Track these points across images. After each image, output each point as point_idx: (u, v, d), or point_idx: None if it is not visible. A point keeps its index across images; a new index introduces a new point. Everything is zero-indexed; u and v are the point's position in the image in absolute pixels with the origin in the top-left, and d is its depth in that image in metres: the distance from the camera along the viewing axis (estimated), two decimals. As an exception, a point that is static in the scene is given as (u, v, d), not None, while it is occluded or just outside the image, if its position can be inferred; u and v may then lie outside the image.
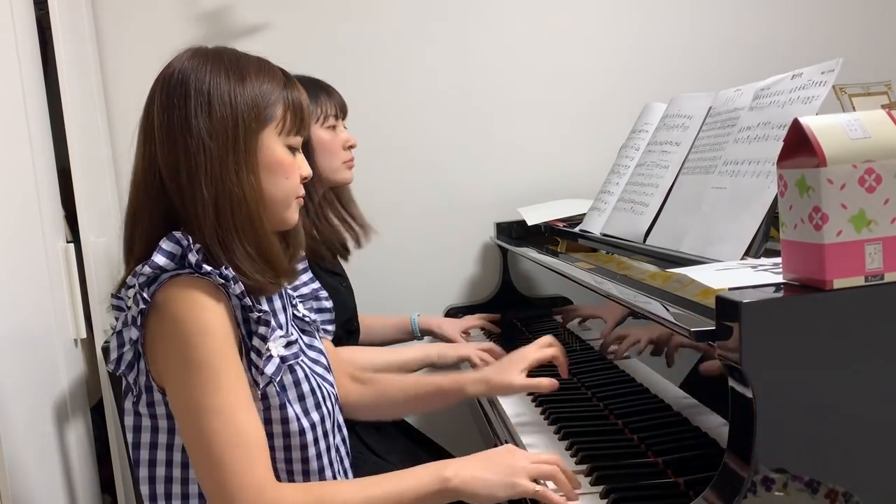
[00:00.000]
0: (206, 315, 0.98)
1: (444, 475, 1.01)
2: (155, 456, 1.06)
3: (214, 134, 1.03)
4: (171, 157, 1.04)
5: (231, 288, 1.01)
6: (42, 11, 1.91)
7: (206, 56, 1.08)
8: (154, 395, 1.04)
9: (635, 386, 1.28)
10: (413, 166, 2.31)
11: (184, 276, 1.00)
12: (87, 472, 1.85)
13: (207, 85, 1.04)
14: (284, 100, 1.09)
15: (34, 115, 1.74)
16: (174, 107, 1.04)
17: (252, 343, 1.04)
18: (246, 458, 0.96)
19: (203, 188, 1.02)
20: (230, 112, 1.04)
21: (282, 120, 1.08)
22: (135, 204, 1.08)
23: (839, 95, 1.70)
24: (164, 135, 1.05)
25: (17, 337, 1.54)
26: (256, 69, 1.09)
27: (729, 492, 0.85)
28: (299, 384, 1.09)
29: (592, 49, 2.36)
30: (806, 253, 0.87)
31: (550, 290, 1.86)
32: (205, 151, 1.03)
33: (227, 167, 1.03)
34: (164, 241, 1.01)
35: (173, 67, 1.08)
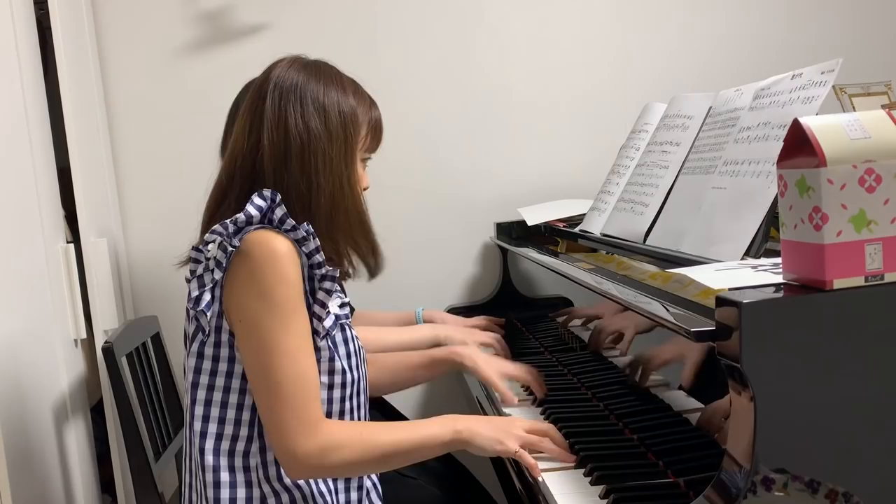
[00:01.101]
0: (284, 264, 1.09)
1: (457, 428, 1.17)
2: (211, 397, 1.15)
3: (332, 140, 1.18)
4: (282, 149, 1.17)
5: (307, 244, 1.12)
6: (42, 11, 1.91)
7: (315, 69, 1.22)
8: (222, 336, 1.14)
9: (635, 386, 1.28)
10: (413, 166, 2.31)
11: (266, 229, 1.11)
12: (87, 472, 1.85)
13: (322, 94, 1.19)
14: (370, 119, 1.24)
15: (34, 115, 1.74)
16: (289, 109, 1.17)
17: (317, 297, 1.15)
18: (305, 397, 1.09)
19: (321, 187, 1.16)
20: (341, 121, 1.19)
21: (365, 138, 1.23)
22: (226, 181, 1.20)
23: (839, 95, 1.70)
24: (276, 129, 1.17)
25: (17, 337, 1.54)
26: (353, 88, 1.24)
27: (729, 492, 0.85)
28: (347, 343, 1.21)
29: (592, 49, 2.36)
30: (806, 253, 0.87)
31: (550, 291, 1.86)
32: (324, 153, 1.17)
33: (340, 170, 1.18)
34: (255, 197, 1.12)
35: (285, 76, 1.20)
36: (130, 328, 1.72)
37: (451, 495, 1.58)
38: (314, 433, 1.09)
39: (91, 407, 1.95)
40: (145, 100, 2.21)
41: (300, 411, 1.08)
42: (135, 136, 2.22)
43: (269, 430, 1.11)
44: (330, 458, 1.09)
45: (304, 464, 1.09)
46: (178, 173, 2.19)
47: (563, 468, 1.18)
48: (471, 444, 1.18)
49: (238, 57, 2.20)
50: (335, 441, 1.10)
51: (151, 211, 2.20)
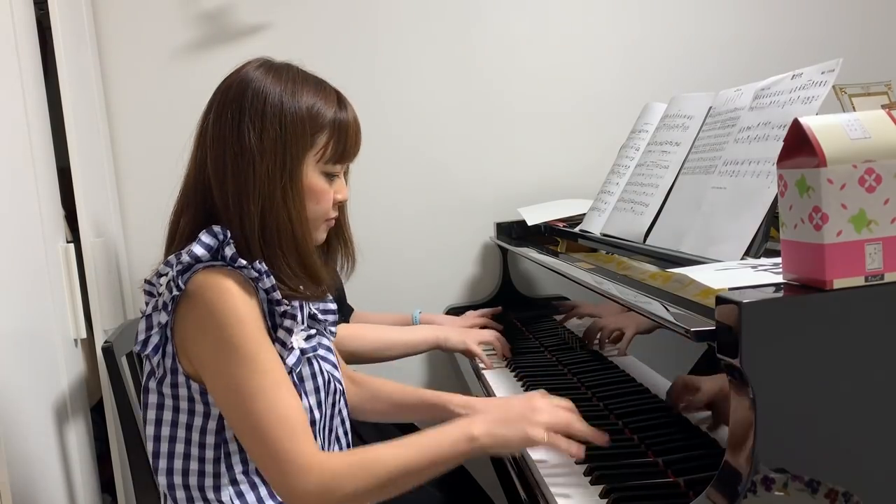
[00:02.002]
0: (239, 304, 1.03)
1: (473, 434, 1.07)
2: (175, 433, 1.11)
3: (265, 153, 1.08)
4: (220, 166, 1.09)
5: (262, 282, 1.07)
6: (42, 11, 1.91)
7: (268, 70, 1.13)
8: (178, 378, 1.09)
9: (635, 386, 1.28)
10: (413, 166, 2.31)
11: (217, 268, 1.05)
12: (87, 472, 1.84)
13: (265, 100, 1.09)
14: (332, 125, 1.12)
15: (34, 115, 1.74)
16: (228, 118, 1.09)
17: (277, 335, 1.09)
18: (291, 433, 1.02)
19: (250, 203, 1.08)
20: (280, 133, 1.08)
21: (323, 148, 1.12)
22: (182, 202, 1.14)
23: (839, 95, 1.70)
24: (215, 144, 1.10)
25: (17, 337, 1.54)
26: (315, 90, 1.13)
27: (729, 492, 0.85)
28: (315, 377, 1.15)
29: (592, 49, 2.36)
30: (806, 253, 0.87)
31: (550, 290, 1.86)
32: (254, 168, 1.08)
33: (274, 187, 1.08)
34: (203, 234, 1.06)
35: (236, 77, 1.13)
36: (130, 328, 1.72)
37: (450, 496, 1.57)
38: (310, 471, 1.01)
39: (91, 407, 1.94)
40: (145, 100, 2.21)
41: (289, 451, 1.01)
42: (135, 136, 2.22)
43: (265, 473, 1.05)
44: (334, 494, 1.01)
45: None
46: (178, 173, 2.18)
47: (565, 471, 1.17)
48: (492, 449, 1.09)
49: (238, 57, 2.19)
50: (335, 474, 1.01)
51: (151, 211, 2.20)
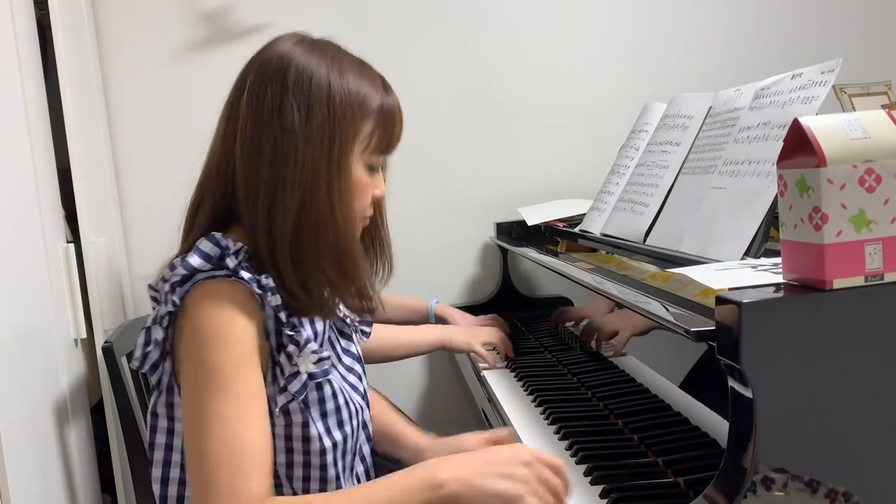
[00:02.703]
0: (228, 321, 0.93)
1: (440, 479, 0.89)
2: (169, 458, 1.04)
3: (310, 137, 0.96)
4: (255, 150, 0.97)
5: (267, 299, 0.96)
6: (42, 11, 1.91)
7: (311, 46, 1.01)
8: (174, 397, 1.02)
9: (635, 386, 1.28)
10: (413, 166, 2.31)
11: (217, 280, 0.95)
12: (87, 472, 1.85)
13: (307, 81, 0.97)
14: (379, 111, 1.03)
15: (34, 115, 1.74)
16: (268, 97, 0.97)
17: (278, 358, 0.99)
18: (238, 471, 0.89)
19: (287, 193, 0.95)
20: (328, 117, 0.97)
21: (368, 137, 1.02)
22: (202, 190, 1.04)
23: (839, 95, 1.70)
24: (249, 125, 0.98)
25: (17, 337, 1.54)
26: (359, 70, 1.03)
27: (729, 491, 0.85)
28: (325, 401, 1.04)
29: (592, 49, 2.36)
30: (806, 253, 0.87)
31: (550, 290, 1.86)
32: (297, 153, 0.95)
33: (318, 176, 0.96)
34: (201, 241, 0.96)
35: (274, 51, 1.00)
36: (130, 328, 1.72)
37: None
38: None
39: (91, 407, 1.94)
40: (145, 100, 2.21)
41: (227, 487, 0.88)
42: (135, 136, 2.22)
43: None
44: None
45: None
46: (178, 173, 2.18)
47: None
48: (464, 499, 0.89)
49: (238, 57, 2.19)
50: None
51: (151, 211, 2.20)
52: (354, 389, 1.12)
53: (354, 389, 1.12)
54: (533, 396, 1.50)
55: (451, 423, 1.94)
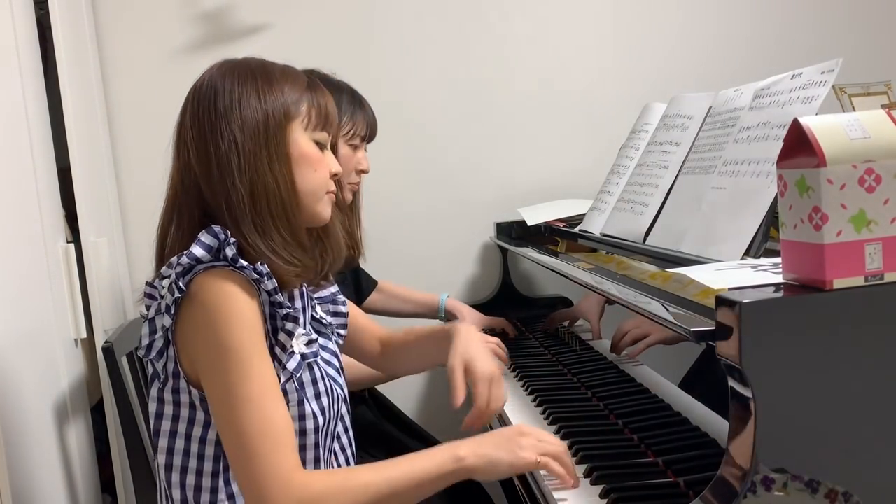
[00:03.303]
0: (238, 306, 1.02)
1: (459, 454, 1.03)
2: (174, 444, 1.09)
3: (246, 130, 1.08)
4: (205, 159, 1.09)
5: (263, 284, 1.05)
6: (42, 11, 1.91)
7: (233, 66, 1.14)
8: (180, 383, 1.08)
9: (635, 386, 1.28)
10: (413, 166, 2.32)
11: (219, 269, 1.03)
12: (87, 472, 1.85)
13: (237, 90, 1.10)
14: (308, 99, 1.14)
15: (34, 115, 1.74)
16: (205, 112, 1.09)
17: (277, 338, 1.08)
18: (275, 446, 0.99)
19: (237, 182, 1.07)
20: (260, 109, 1.09)
21: (307, 115, 1.13)
22: (170, 212, 1.14)
23: (839, 95, 1.70)
24: (196, 140, 1.10)
25: (17, 337, 1.54)
26: (281, 73, 1.14)
27: (729, 491, 0.85)
28: (316, 382, 1.13)
29: (592, 49, 2.36)
30: (806, 253, 0.87)
31: (550, 290, 1.87)
32: (237, 148, 1.08)
33: (260, 160, 1.08)
34: (202, 234, 1.05)
35: (203, 79, 1.13)
36: (130, 328, 1.72)
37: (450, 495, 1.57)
38: (288, 486, 0.97)
39: (91, 407, 1.95)
40: (145, 100, 2.21)
41: (269, 463, 0.97)
42: (135, 136, 2.22)
43: (241, 486, 1.01)
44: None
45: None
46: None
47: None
48: (479, 470, 1.04)
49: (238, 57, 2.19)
50: (314, 493, 0.97)
51: (151, 211, 2.19)
52: (334, 381, 1.19)
53: (334, 381, 1.19)
54: (533, 396, 1.50)
55: (452, 422, 1.94)
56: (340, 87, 1.68)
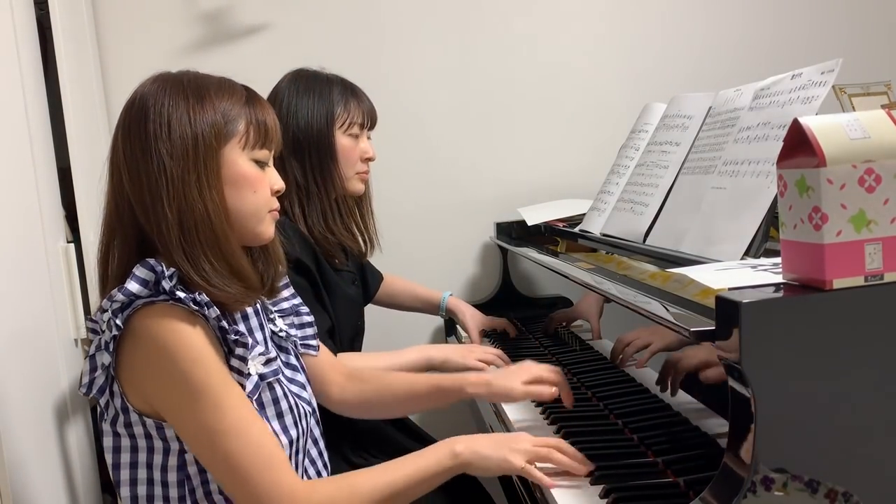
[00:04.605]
0: (189, 340, 0.99)
1: (455, 450, 1.09)
2: (136, 475, 1.07)
3: (174, 154, 1.04)
4: (136, 181, 1.05)
5: (207, 312, 1.02)
6: (42, 11, 1.91)
7: (165, 80, 1.09)
8: (131, 416, 1.05)
9: (635, 386, 1.28)
10: (413, 166, 2.32)
11: (159, 304, 1.00)
12: (87, 471, 1.85)
13: (167, 108, 1.05)
14: (246, 116, 1.09)
15: (34, 115, 1.74)
16: (135, 134, 1.06)
17: (230, 364, 1.05)
18: (269, 467, 0.99)
19: (166, 208, 1.03)
20: (189, 131, 1.05)
21: (244, 134, 1.09)
22: (107, 230, 1.10)
23: (839, 95, 1.70)
24: (127, 163, 1.06)
25: (17, 337, 1.54)
26: (216, 88, 1.09)
27: (729, 491, 0.85)
28: (278, 402, 1.10)
29: (592, 49, 2.36)
30: (806, 253, 0.87)
31: (550, 290, 1.86)
32: (166, 173, 1.04)
33: (188, 185, 1.04)
34: (137, 268, 1.02)
35: (135, 95, 1.09)
36: (130, 328, 1.72)
37: (451, 495, 1.57)
38: (293, 500, 0.99)
39: (91, 407, 1.94)
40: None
41: (269, 483, 0.99)
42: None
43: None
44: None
45: None
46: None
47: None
48: (473, 465, 1.10)
49: (238, 57, 2.20)
50: (319, 501, 1.00)
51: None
52: (299, 397, 1.17)
53: (299, 397, 1.17)
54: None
55: (452, 422, 1.95)
56: (330, 79, 1.67)
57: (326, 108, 1.63)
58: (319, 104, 1.62)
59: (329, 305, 1.61)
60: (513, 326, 1.98)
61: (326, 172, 1.62)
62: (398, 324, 2.12)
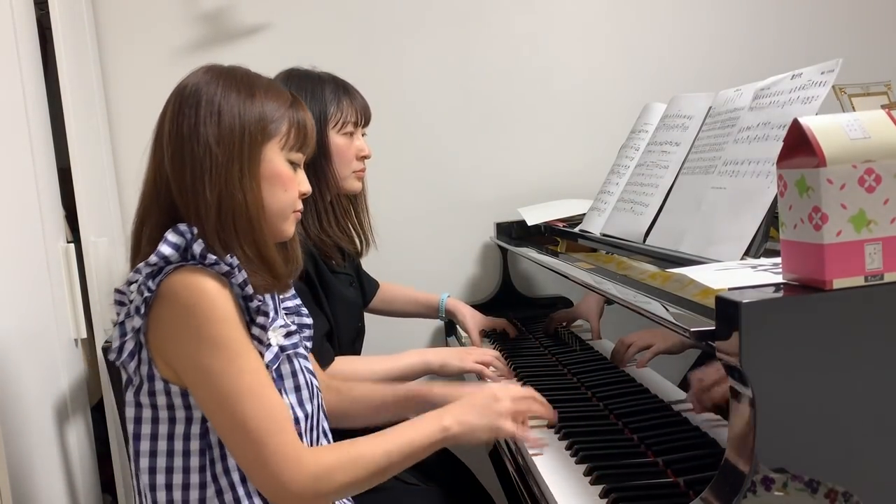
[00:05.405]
0: (217, 301, 1.02)
1: (444, 424, 1.12)
2: (156, 447, 1.09)
3: (222, 141, 1.09)
4: (178, 161, 1.09)
5: (234, 277, 1.05)
6: (42, 11, 1.91)
7: (219, 72, 1.15)
8: (156, 385, 1.07)
9: (635, 386, 1.28)
10: (413, 166, 2.32)
11: (188, 267, 1.04)
12: (87, 472, 1.85)
13: (218, 97, 1.10)
14: (290, 118, 1.15)
15: (34, 115, 1.74)
16: (185, 116, 1.10)
17: (252, 332, 1.08)
18: (280, 430, 1.02)
19: (207, 190, 1.08)
20: (238, 123, 1.10)
21: (286, 135, 1.14)
22: (143, 207, 1.14)
23: (839, 95, 1.70)
24: (173, 142, 1.10)
25: (17, 337, 1.54)
26: (265, 87, 1.15)
27: (729, 491, 0.85)
28: (296, 375, 1.14)
29: (592, 49, 2.36)
30: (806, 253, 0.87)
31: (550, 290, 1.87)
32: (211, 156, 1.08)
33: (231, 173, 1.08)
34: (169, 233, 1.05)
35: (188, 82, 1.14)
36: (130, 328, 1.72)
37: (452, 495, 1.58)
38: (300, 465, 1.02)
39: (91, 407, 1.95)
40: (145, 100, 2.20)
41: (278, 446, 1.02)
42: (135, 137, 2.22)
43: (253, 476, 1.04)
44: (325, 486, 1.03)
45: (300, 498, 1.02)
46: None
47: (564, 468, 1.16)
48: (462, 438, 1.13)
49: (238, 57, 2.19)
50: (325, 467, 1.03)
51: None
52: (312, 374, 1.20)
53: (312, 374, 1.20)
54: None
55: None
56: (322, 78, 1.66)
57: (319, 108, 1.62)
58: (312, 104, 1.60)
59: (327, 308, 1.60)
60: (513, 327, 1.98)
61: (321, 174, 1.61)
62: (398, 325, 2.12)
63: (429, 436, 1.11)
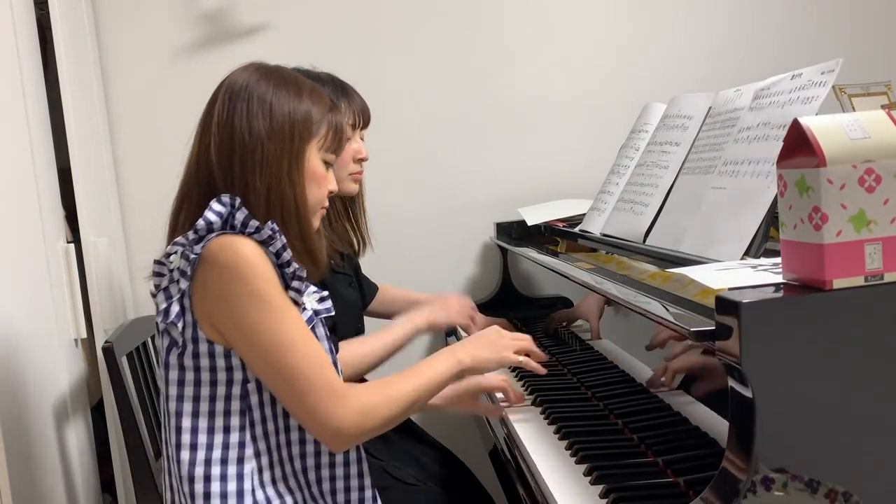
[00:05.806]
0: (260, 262, 1.09)
1: (459, 358, 1.25)
2: (198, 408, 1.13)
3: (273, 136, 1.16)
4: (227, 150, 1.15)
5: (273, 244, 1.12)
6: (42, 11, 1.91)
7: (268, 70, 1.22)
8: (200, 347, 1.12)
9: (635, 386, 1.28)
10: (413, 166, 2.32)
11: (228, 234, 1.10)
12: (87, 472, 1.85)
13: (270, 94, 1.17)
14: (329, 121, 1.22)
15: (34, 115, 1.75)
16: (236, 109, 1.16)
17: (288, 295, 1.13)
18: (326, 374, 1.10)
19: (257, 181, 1.15)
20: (288, 119, 1.17)
21: (324, 137, 1.21)
22: (185, 189, 1.20)
23: (839, 95, 1.70)
24: (222, 130, 1.16)
25: (18, 337, 1.54)
26: (310, 90, 1.22)
27: (729, 491, 0.85)
28: (325, 341, 1.19)
29: (592, 49, 2.36)
30: (806, 253, 0.87)
31: (550, 290, 1.86)
32: (262, 149, 1.15)
33: (280, 167, 1.16)
34: (213, 202, 1.11)
35: (237, 77, 1.20)
36: (130, 328, 1.72)
37: (452, 494, 1.58)
38: (347, 403, 1.10)
39: (91, 407, 1.95)
40: (145, 100, 2.21)
41: (327, 389, 1.09)
42: (135, 136, 2.22)
43: (305, 420, 1.11)
44: (370, 422, 1.12)
45: (350, 434, 1.11)
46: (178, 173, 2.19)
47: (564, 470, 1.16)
48: (476, 369, 1.28)
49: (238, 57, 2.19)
50: (369, 404, 1.12)
51: (151, 211, 2.20)
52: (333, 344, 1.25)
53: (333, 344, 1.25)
54: (533, 396, 1.50)
55: (451, 422, 1.95)
56: (321, 78, 1.65)
57: None
58: None
59: None
60: (511, 326, 1.98)
61: None
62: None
63: (448, 369, 1.23)
